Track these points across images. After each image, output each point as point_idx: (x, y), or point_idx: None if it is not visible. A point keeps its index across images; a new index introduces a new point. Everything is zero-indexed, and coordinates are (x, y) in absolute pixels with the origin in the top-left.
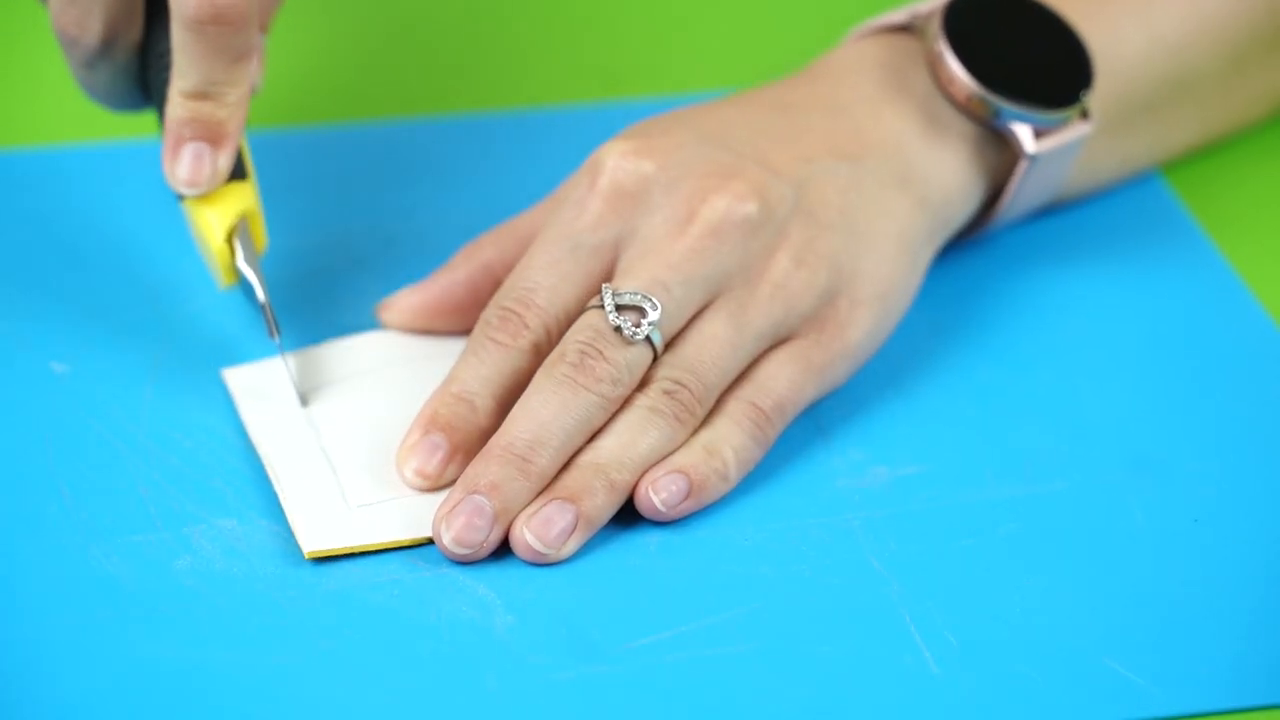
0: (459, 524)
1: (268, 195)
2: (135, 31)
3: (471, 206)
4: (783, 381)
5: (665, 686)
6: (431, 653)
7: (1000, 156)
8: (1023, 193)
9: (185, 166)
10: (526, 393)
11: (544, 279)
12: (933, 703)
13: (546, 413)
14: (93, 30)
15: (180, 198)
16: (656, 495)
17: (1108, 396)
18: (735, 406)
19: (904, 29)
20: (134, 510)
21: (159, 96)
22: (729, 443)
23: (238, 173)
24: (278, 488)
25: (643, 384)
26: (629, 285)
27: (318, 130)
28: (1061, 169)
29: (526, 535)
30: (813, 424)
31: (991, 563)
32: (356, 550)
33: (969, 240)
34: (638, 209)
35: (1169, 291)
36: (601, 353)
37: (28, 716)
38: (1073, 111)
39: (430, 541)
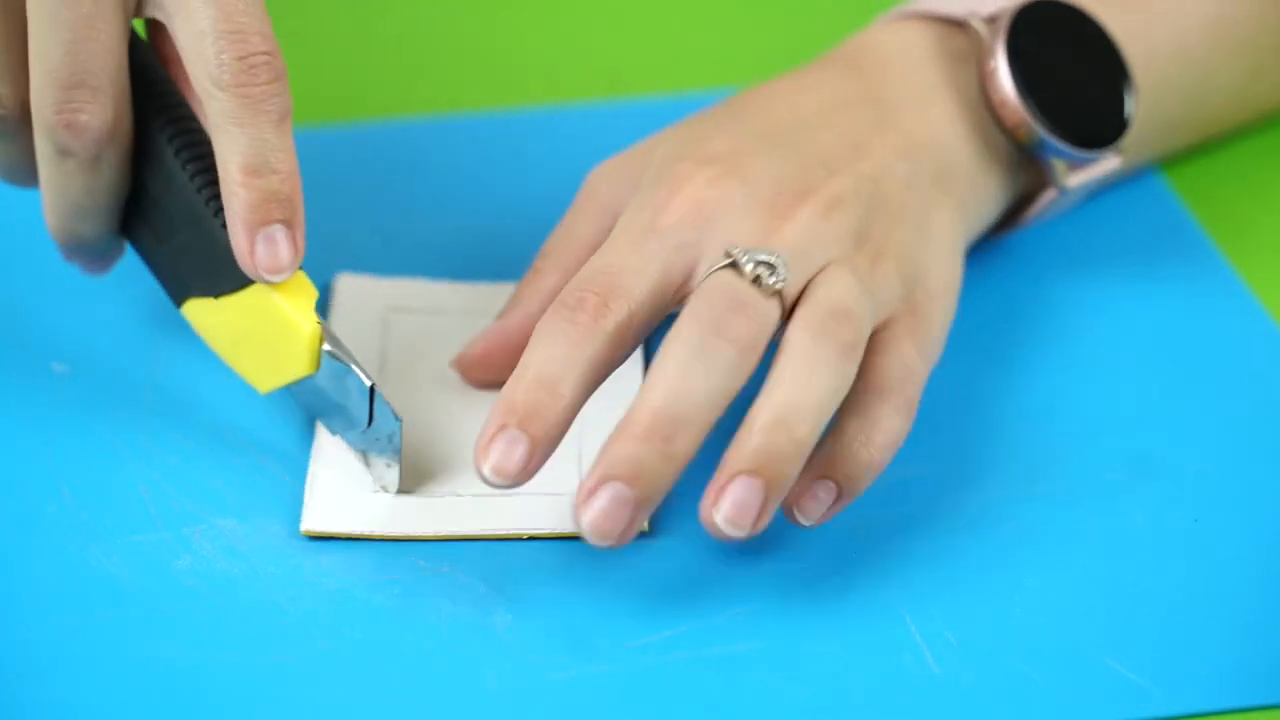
0: (597, 511)
1: None
2: (130, 111)
3: (471, 206)
4: (913, 357)
5: (665, 686)
6: (431, 652)
7: (1031, 179)
8: (1045, 214)
9: (266, 252)
10: (660, 361)
11: (629, 261)
12: (933, 702)
13: (688, 384)
14: (105, 110)
15: (189, 298)
16: (803, 515)
17: (1107, 396)
18: (884, 385)
19: (957, 24)
20: (134, 510)
21: (167, 200)
22: (879, 427)
23: None
24: (315, 455)
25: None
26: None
27: (318, 130)
28: (1082, 195)
29: (718, 519)
30: None
31: (991, 562)
32: (354, 537)
33: (986, 242)
34: (720, 212)
35: (1169, 291)
36: (743, 306)
37: (28, 716)
38: (1111, 151)
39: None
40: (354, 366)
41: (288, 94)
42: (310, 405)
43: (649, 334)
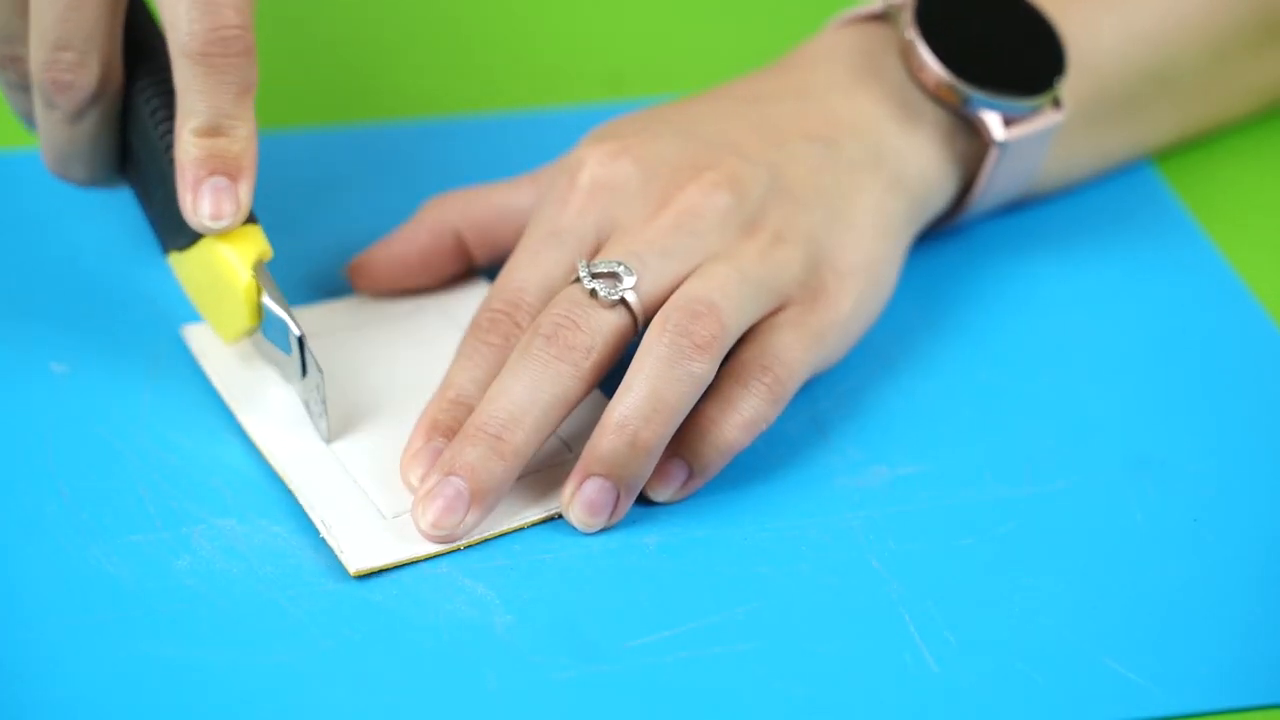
0: (436, 507)
1: (267, 196)
2: (120, 73)
3: None
4: (789, 342)
5: (665, 686)
6: (431, 652)
7: (971, 145)
8: (995, 181)
9: (208, 202)
10: (502, 372)
11: (530, 275)
12: (932, 702)
13: (519, 388)
14: (90, 72)
15: (168, 251)
16: (657, 495)
17: (1107, 396)
18: (743, 370)
19: (879, 18)
20: (134, 510)
21: (144, 156)
22: (738, 409)
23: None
24: (308, 504)
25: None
26: (606, 257)
27: (318, 130)
28: (1035, 158)
29: (574, 516)
30: (812, 423)
31: (991, 562)
32: (403, 563)
33: (955, 232)
34: (616, 201)
35: (1168, 290)
36: (575, 321)
37: (28, 716)
38: (1043, 100)
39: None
40: (287, 317)
41: (253, 69)
42: (268, 357)
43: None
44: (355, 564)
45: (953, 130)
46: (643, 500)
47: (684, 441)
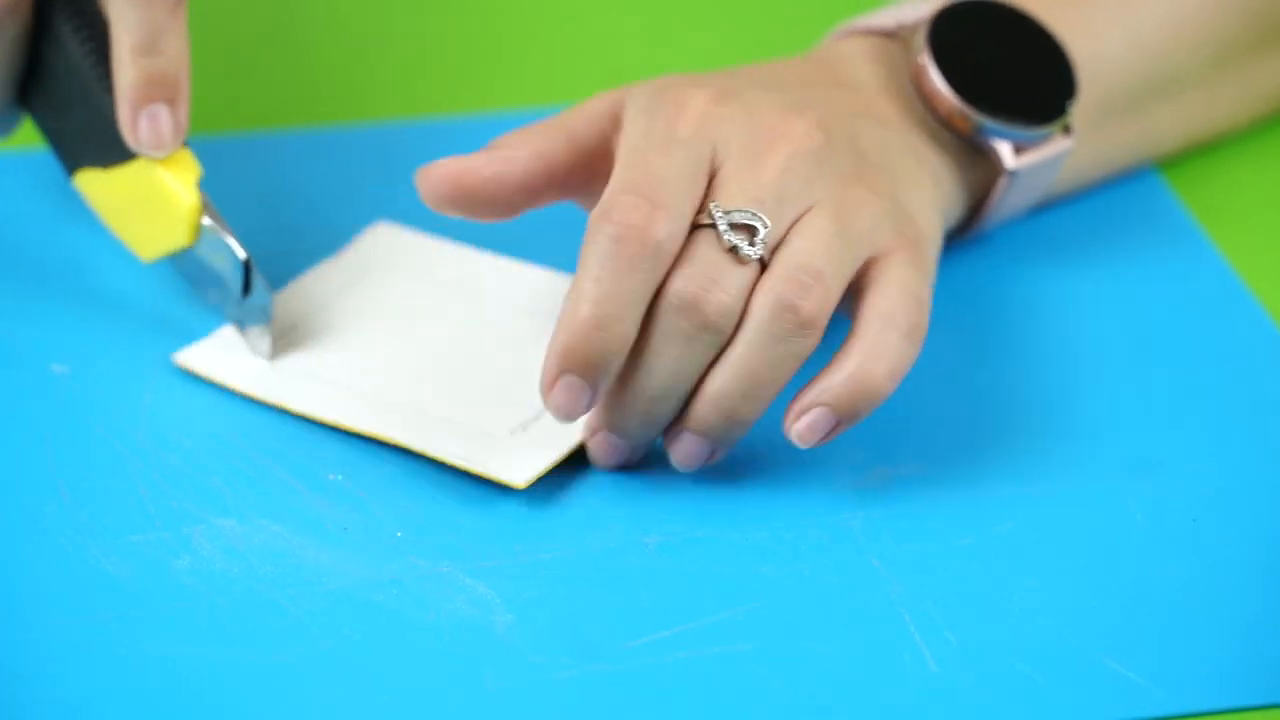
0: (599, 457)
1: (267, 197)
2: None
3: None
4: (909, 278)
5: (665, 686)
6: (431, 652)
7: (981, 170)
8: (1004, 205)
9: (147, 129)
10: (645, 340)
11: (666, 170)
12: (932, 702)
13: (672, 366)
14: None
15: (80, 167)
16: (800, 440)
17: (1107, 396)
18: (878, 307)
19: (888, 34)
20: (134, 510)
21: (61, 72)
22: (884, 349)
23: None
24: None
25: (758, 292)
26: (733, 204)
27: (318, 130)
28: (1044, 183)
29: (670, 455)
30: None
31: (991, 562)
32: (219, 384)
33: (958, 241)
34: (727, 131)
35: (1168, 291)
36: (716, 281)
37: (28, 716)
38: (1054, 127)
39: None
40: (230, 239)
41: None
42: (190, 275)
43: None
44: (181, 357)
45: (962, 154)
46: (644, 501)
47: (833, 389)
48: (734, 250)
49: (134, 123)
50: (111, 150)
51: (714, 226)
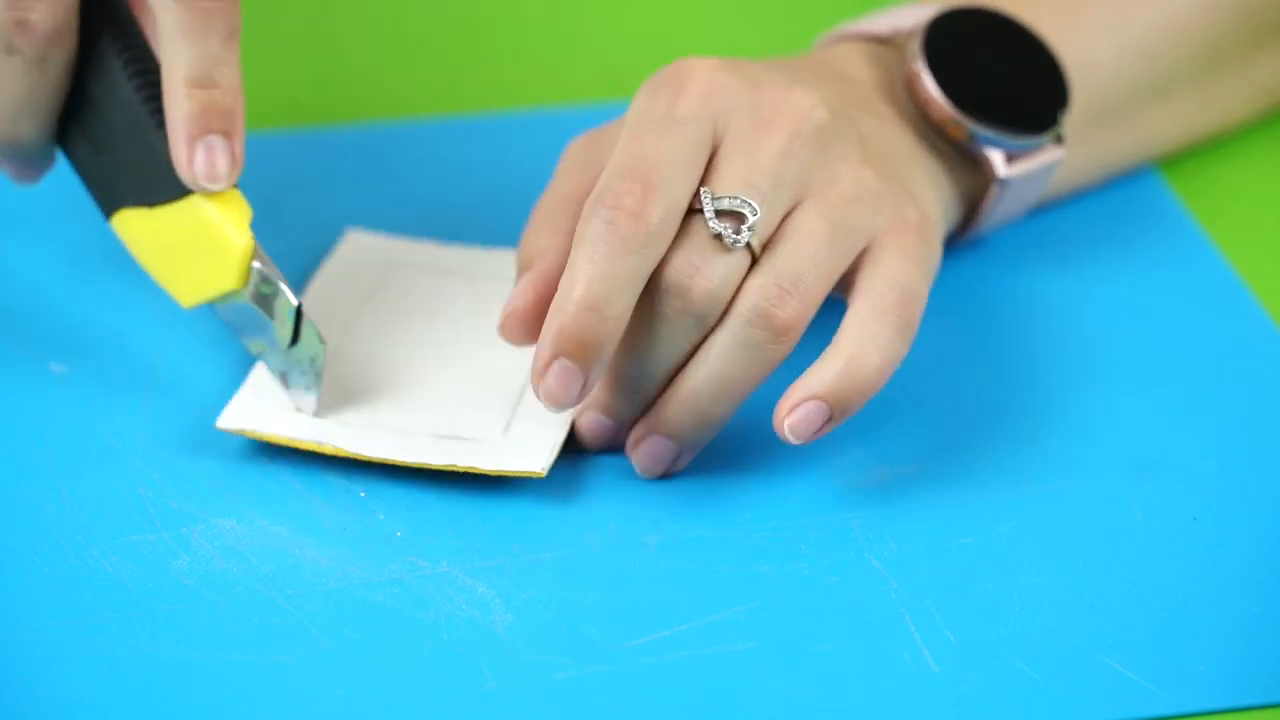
0: (588, 437)
1: (267, 197)
2: (77, 15)
3: (472, 208)
4: (900, 269)
5: (665, 685)
6: (431, 652)
7: (973, 178)
8: (996, 212)
9: (203, 161)
10: (635, 320)
11: (661, 152)
12: (932, 701)
13: (660, 350)
14: (52, 9)
15: (120, 207)
16: (794, 434)
17: (1107, 396)
18: (868, 300)
19: (882, 40)
20: (133, 510)
21: (109, 106)
22: (875, 342)
23: None
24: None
25: (741, 294)
26: (725, 188)
27: (317, 131)
28: (1036, 190)
29: (634, 461)
30: None
31: (990, 562)
32: (262, 438)
33: (953, 246)
34: (729, 106)
35: (1168, 291)
36: (701, 269)
37: (28, 716)
38: (1046, 138)
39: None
40: (282, 285)
41: (238, 13)
42: (234, 322)
43: None
44: (222, 421)
45: (955, 161)
46: (644, 501)
47: (824, 381)
48: (719, 238)
49: (190, 155)
50: (159, 188)
51: (701, 212)
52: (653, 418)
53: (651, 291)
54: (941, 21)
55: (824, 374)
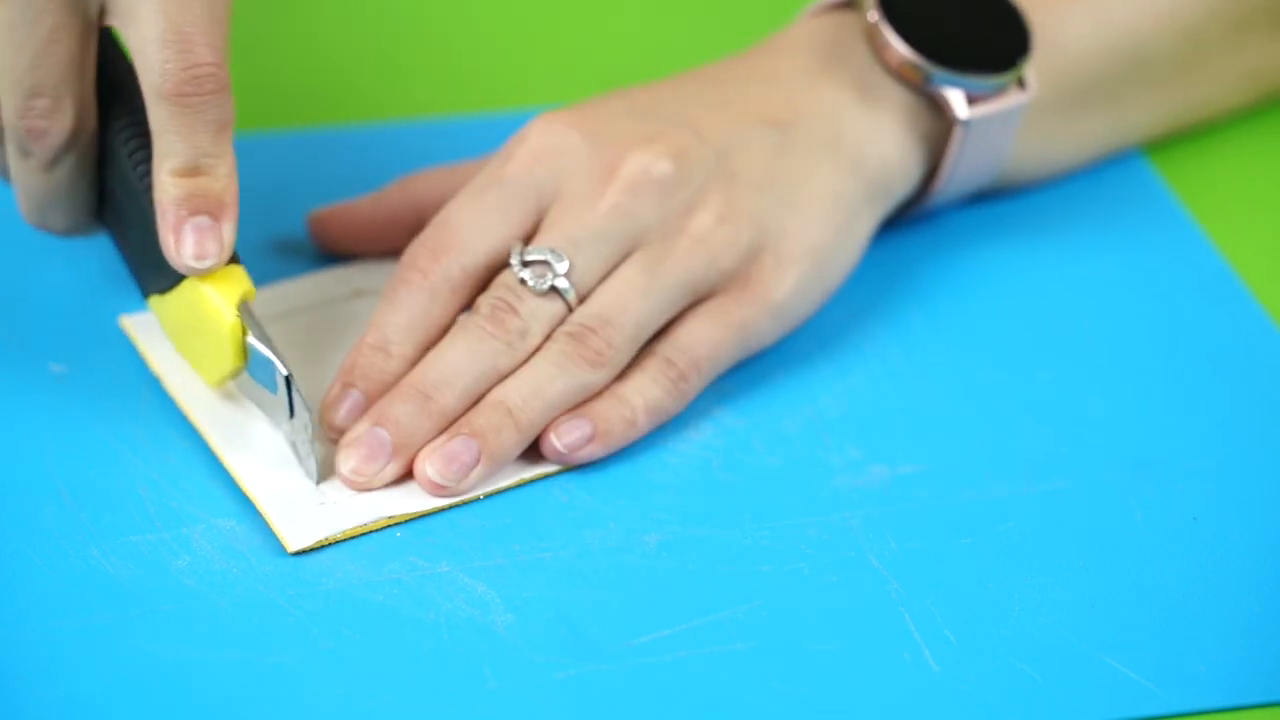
0: (358, 455)
1: (265, 198)
2: (94, 115)
3: None
4: (699, 337)
5: (665, 685)
6: (431, 652)
7: (936, 125)
8: (962, 163)
9: (191, 242)
10: (441, 341)
11: (467, 214)
12: (932, 701)
13: (453, 355)
14: (65, 116)
15: (148, 294)
16: (559, 439)
17: (1106, 395)
18: (650, 361)
19: (848, 5)
20: (133, 510)
21: (123, 198)
22: (640, 393)
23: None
24: (244, 485)
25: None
26: (542, 243)
27: (318, 131)
28: (1002, 140)
29: (428, 469)
30: (811, 423)
31: (990, 561)
32: (339, 539)
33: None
34: (562, 166)
35: (1167, 289)
36: (511, 305)
37: (28, 716)
38: (1007, 78)
39: (405, 519)
40: (273, 357)
41: (229, 105)
42: (255, 399)
43: None
44: (296, 543)
45: (916, 110)
46: (644, 500)
47: (596, 406)
48: (524, 283)
49: (176, 239)
50: (166, 274)
51: (511, 266)
52: (459, 425)
53: (462, 317)
54: None
55: (595, 407)
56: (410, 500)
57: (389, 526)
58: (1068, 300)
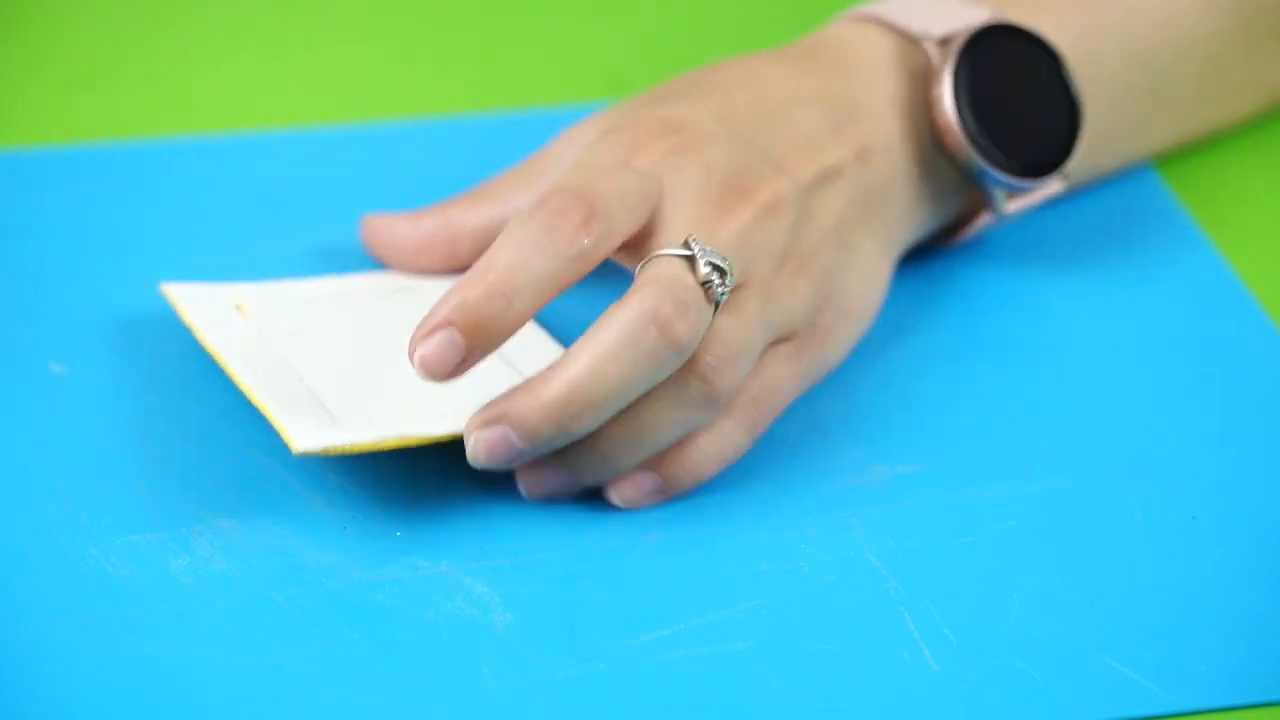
0: (482, 453)
1: (271, 197)
2: None
3: None
4: (783, 380)
5: (664, 684)
6: (430, 651)
7: (968, 199)
8: (984, 231)
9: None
10: (595, 337)
11: (611, 187)
12: (931, 700)
13: (614, 377)
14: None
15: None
16: (621, 499)
17: (1106, 395)
18: (743, 401)
19: (911, 38)
20: (133, 510)
21: None
22: (729, 441)
23: None
24: (252, 392)
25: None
26: (708, 245)
27: (317, 131)
28: (1025, 214)
29: (527, 483)
30: (811, 423)
31: (990, 560)
32: (346, 451)
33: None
34: (675, 192)
35: (1167, 290)
36: (688, 310)
37: (28, 716)
38: (1054, 180)
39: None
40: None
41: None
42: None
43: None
44: (301, 443)
45: (958, 186)
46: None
47: (663, 458)
48: (706, 285)
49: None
50: None
51: (690, 257)
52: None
53: (630, 318)
54: (975, 41)
55: (673, 455)
56: (423, 424)
57: (398, 447)
58: (1068, 301)
